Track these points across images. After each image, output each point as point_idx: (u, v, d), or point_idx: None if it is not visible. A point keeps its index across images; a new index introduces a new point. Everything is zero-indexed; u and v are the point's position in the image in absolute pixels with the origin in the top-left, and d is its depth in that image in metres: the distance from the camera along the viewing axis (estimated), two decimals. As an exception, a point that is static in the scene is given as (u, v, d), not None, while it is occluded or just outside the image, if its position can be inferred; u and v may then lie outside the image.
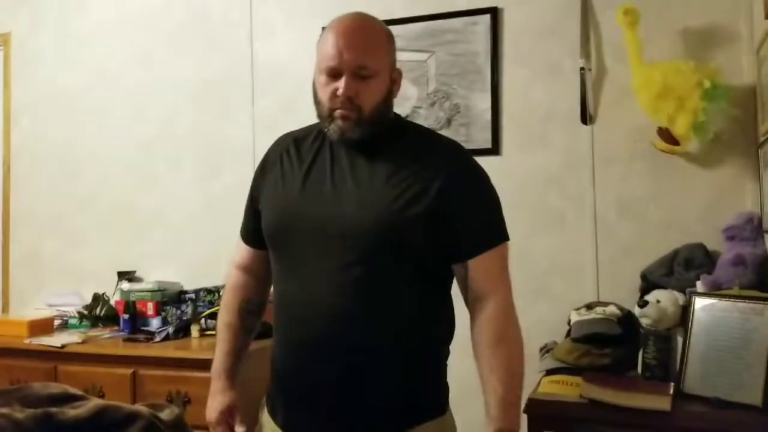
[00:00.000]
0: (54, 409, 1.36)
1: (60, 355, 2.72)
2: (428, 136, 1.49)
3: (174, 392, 2.52)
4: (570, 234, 2.65)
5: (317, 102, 1.41)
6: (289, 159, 1.48)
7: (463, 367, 1.54)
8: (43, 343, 2.76)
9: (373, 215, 1.32)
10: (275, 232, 1.45)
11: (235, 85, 3.17)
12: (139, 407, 1.46)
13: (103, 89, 3.42)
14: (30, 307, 3.34)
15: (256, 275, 1.59)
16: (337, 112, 1.36)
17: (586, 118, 2.61)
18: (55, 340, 2.80)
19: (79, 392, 1.53)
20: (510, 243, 1.45)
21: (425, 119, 2.82)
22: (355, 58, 1.34)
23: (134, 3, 3.39)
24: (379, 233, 1.32)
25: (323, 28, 3.09)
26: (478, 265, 1.37)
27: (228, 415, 1.53)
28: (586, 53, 2.60)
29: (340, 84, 1.34)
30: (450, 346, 1.50)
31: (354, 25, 1.38)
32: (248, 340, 1.62)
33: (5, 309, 3.55)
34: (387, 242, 1.32)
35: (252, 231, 1.55)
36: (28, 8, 3.58)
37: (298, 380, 1.41)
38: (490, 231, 1.40)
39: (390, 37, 1.43)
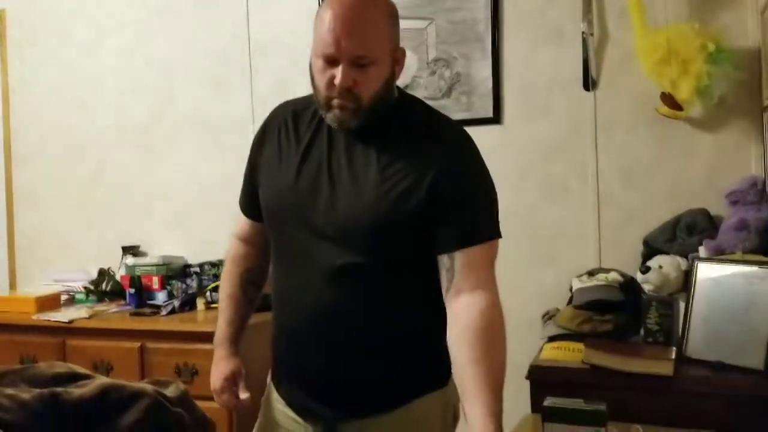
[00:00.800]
0: (59, 389, 1.38)
1: (68, 330, 2.75)
2: (431, 120, 1.41)
3: (181, 364, 2.55)
4: (573, 201, 2.64)
5: (314, 87, 1.35)
6: (287, 134, 1.44)
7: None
8: (50, 319, 2.79)
9: (365, 211, 1.30)
10: (270, 216, 1.45)
11: (232, 60, 3.14)
12: (144, 385, 1.48)
13: (99, 65, 3.39)
14: (37, 284, 3.36)
15: (257, 245, 1.59)
16: (335, 102, 1.30)
17: (588, 84, 2.58)
18: (63, 315, 2.82)
19: (84, 371, 1.55)
20: (500, 242, 1.38)
21: (425, 88, 2.79)
22: (354, 47, 1.26)
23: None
24: (370, 229, 1.30)
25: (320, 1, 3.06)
26: (464, 259, 1.29)
27: (232, 382, 1.54)
28: (588, 18, 2.56)
29: (337, 72, 1.27)
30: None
31: (351, 9, 1.27)
32: (250, 310, 1.62)
33: (12, 286, 3.57)
34: (378, 237, 1.31)
35: (250, 203, 1.54)
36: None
37: (294, 365, 1.45)
38: (480, 226, 1.33)
39: (393, 15, 1.34)
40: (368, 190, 1.31)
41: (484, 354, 1.24)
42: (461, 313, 1.28)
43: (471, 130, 1.42)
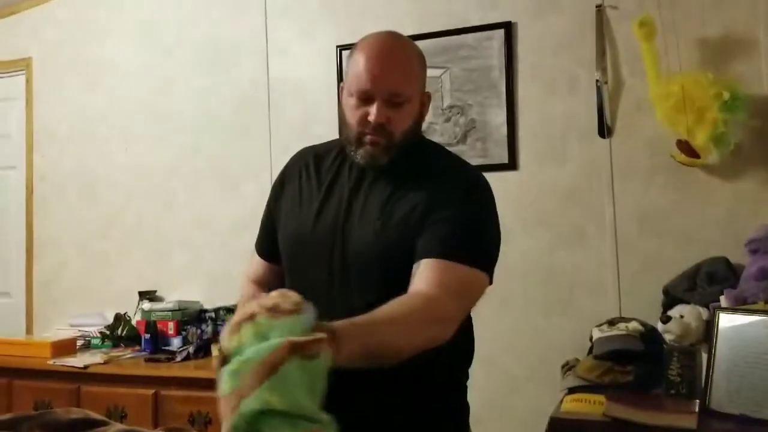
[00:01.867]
0: (76, 436, 1.37)
1: (83, 375, 2.75)
2: (450, 161, 1.44)
3: (195, 412, 2.54)
4: (591, 249, 2.62)
5: (345, 124, 1.37)
6: (308, 176, 1.46)
7: (486, 383, 1.51)
8: (66, 364, 2.79)
9: (372, 244, 1.31)
10: (290, 259, 1.45)
11: (251, 106, 3.20)
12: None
13: (123, 112, 3.47)
14: (53, 328, 3.38)
15: (270, 287, 1.58)
16: (367, 137, 1.33)
17: (603, 131, 2.59)
18: (78, 360, 2.83)
19: (100, 417, 1.55)
20: (492, 287, 1.33)
21: (441, 135, 2.81)
22: (389, 84, 1.31)
23: (152, 26, 3.44)
24: (377, 262, 1.30)
25: (338, 47, 3.12)
26: (432, 269, 1.22)
27: None
28: (602, 66, 2.58)
29: (372, 110, 1.31)
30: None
31: (388, 48, 1.34)
32: None
33: (29, 330, 3.59)
34: (388, 269, 1.30)
35: (267, 244, 1.54)
36: (49, 33, 3.65)
37: None
38: (461, 247, 1.26)
39: (422, 59, 1.39)
40: (374, 223, 1.33)
41: (404, 309, 1.14)
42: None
43: (486, 176, 1.42)
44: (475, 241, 1.29)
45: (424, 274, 1.22)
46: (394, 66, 1.32)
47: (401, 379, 1.29)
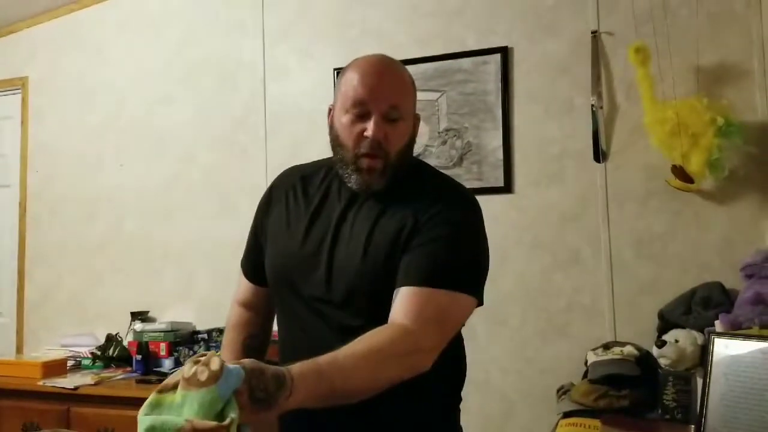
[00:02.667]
0: (64, 458, 1.35)
1: (73, 396, 2.72)
2: (437, 182, 1.40)
3: (186, 435, 2.49)
4: (586, 272, 2.62)
5: (339, 145, 1.33)
6: (295, 198, 1.43)
7: (482, 407, 1.49)
8: (56, 385, 2.76)
9: (357, 269, 1.29)
10: (276, 282, 1.43)
11: (248, 126, 3.21)
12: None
13: (117, 131, 3.47)
14: (43, 348, 3.35)
15: (258, 311, 1.56)
16: (364, 161, 1.29)
17: (599, 155, 2.60)
18: (69, 381, 2.80)
19: (87, 439, 1.53)
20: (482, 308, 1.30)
21: (437, 157, 2.83)
22: (387, 96, 1.29)
23: (149, 46, 3.46)
24: (362, 286, 1.28)
25: (335, 69, 3.13)
26: (410, 295, 1.20)
27: None
28: (597, 91, 2.60)
29: (369, 125, 1.28)
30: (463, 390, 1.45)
31: (382, 64, 1.34)
32: None
33: (19, 350, 3.55)
34: (373, 294, 1.28)
35: (254, 266, 1.51)
36: (46, 52, 3.66)
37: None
38: (437, 271, 1.22)
39: (413, 82, 1.38)
40: (360, 248, 1.30)
41: (374, 344, 1.10)
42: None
43: (482, 199, 1.40)
44: (456, 263, 1.25)
45: (401, 304, 1.20)
46: (390, 79, 1.32)
47: (391, 404, 1.26)
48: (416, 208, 1.29)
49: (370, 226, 1.31)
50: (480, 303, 1.30)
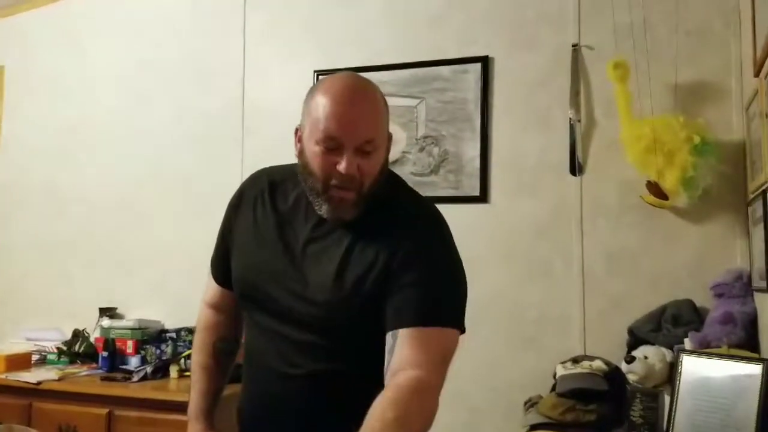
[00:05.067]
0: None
1: (35, 391, 2.67)
2: (409, 205, 1.36)
3: (149, 435, 2.46)
4: (558, 285, 2.62)
5: (309, 173, 1.27)
6: (263, 207, 1.40)
7: (450, 417, 1.46)
8: (19, 379, 2.71)
9: (325, 297, 1.27)
10: (242, 295, 1.42)
11: (225, 127, 3.17)
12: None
13: (92, 127, 3.41)
14: (8, 341, 3.28)
15: (228, 313, 1.55)
16: (335, 192, 1.25)
17: (575, 169, 2.61)
18: (32, 376, 2.75)
19: (42, 437, 1.49)
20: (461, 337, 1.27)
21: (414, 164, 2.81)
22: (361, 133, 1.22)
23: (126, 42, 3.41)
24: (328, 316, 1.27)
25: (316, 71, 3.10)
26: (406, 338, 1.18)
27: None
28: (575, 105, 2.61)
29: (342, 160, 1.22)
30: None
31: (355, 92, 1.25)
32: (224, 380, 1.58)
33: (-16, 342, 3.48)
34: (338, 323, 1.27)
35: (221, 270, 1.50)
36: (22, 43, 3.59)
37: None
38: (431, 309, 1.21)
39: (385, 100, 1.31)
40: (330, 276, 1.28)
41: (396, 417, 1.08)
42: (386, 389, 1.14)
43: (458, 208, 1.40)
44: (446, 298, 1.25)
45: (406, 349, 1.17)
46: (363, 111, 1.25)
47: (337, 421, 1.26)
48: (389, 243, 1.26)
49: (340, 257, 1.28)
50: (463, 332, 1.28)
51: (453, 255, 1.31)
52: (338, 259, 1.28)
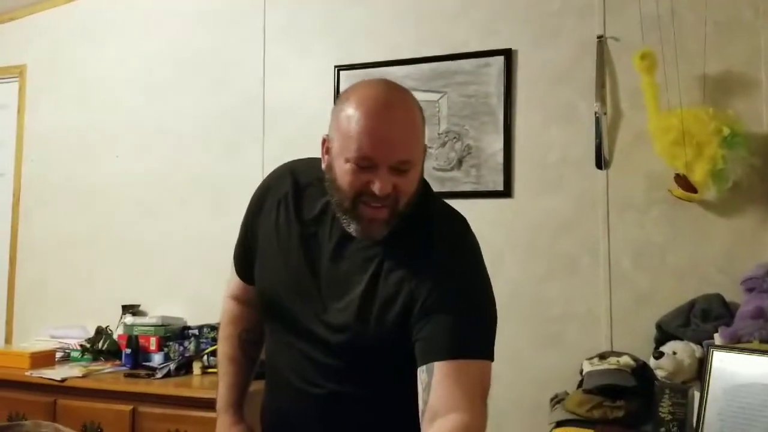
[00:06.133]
0: (43, 452, 1.32)
1: (60, 388, 2.69)
2: (440, 224, 1.27)
3: (173, 431, 2.46)
4: (583, 281, 2.58)
5: (337, 189, 1.19)
6: (287, 214, 1.34)
7: None
8: (43, 376, 2.73)
9: (347, 322, 1.23)
10: (264, 305, 1.40)
11: (245, 122, 3.17)
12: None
13: (112, 124, 3.43)
14: (32, 338, 3.31)
15: (252, 304, 1.52)
16: (365, 211, 1.18)
17: (601, 162, 2.57)
18: (56, 373, 2.76)
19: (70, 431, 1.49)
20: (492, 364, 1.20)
21: (436, 159, 2.79)
22: (398, 153, 1.14)
23: (147, 39, 3.41)
24: (358, 347, 1.23)
25: (336, 66, 3.08)
26: (441, 375, 1.11)
27: None
28: (601, 97, 2.57)
29: (375, 179, 1.14)
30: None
31: (389, 108, 1.15)
32: (252, 371, 1.56)
33: (8, 340, 3.51)
34: (361, 350, 1.23)
35: (244, 267, 1.47)
36: (44, 41, 3.61)
37: None
38: (464, 341, 1.14)
39: (422, 114, 1.22)
40: (354, 303, 1.23)
41: None
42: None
43: (480, 203, 1.38)
44: (479, 329, 1.18)
45: (443, 389, 1.10)
46: (400, 129, 1.15)
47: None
48: (417, 269, 1.19)
49: (365, 284, 1.23)
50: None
51: (484, 282, 1.24)
52: (363, 285, 1.23)
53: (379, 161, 1.14)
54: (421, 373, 1.14)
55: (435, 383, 1.11)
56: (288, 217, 1.34)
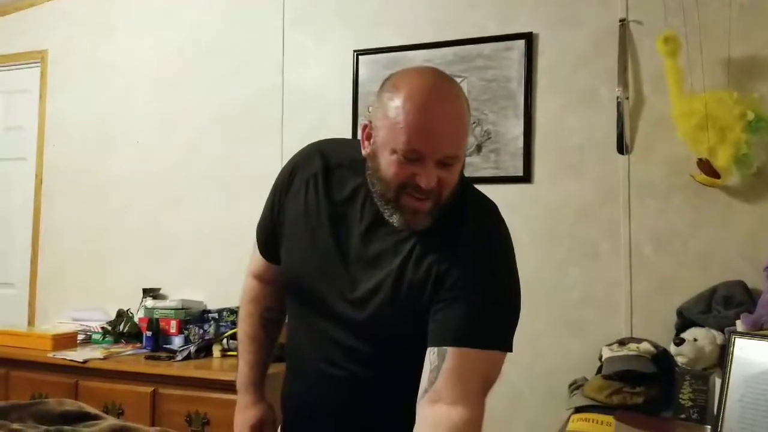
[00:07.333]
0: (68, 428, 1.34)
1: (82, 370, 2.72)
2: (474, 214, 1.25)
3: (193, 413, 2.50)
4: (604, 266, 2.57)
5: (379, 179, 1.18)
6: (316, 194, 1.32)
7: (491, 400, 1.44)
8: (65, 358, 2.77)
9: (377, 306, 1.23)
10: (290, 287, 1.39)
11: (264, 110, 3.17)
12: (155, 429, 1.43)
13: (133, 110, 3.45)
14: (55, 321, 3.35)
15: (274, 284, 1.51)
16: (409, 202, 1.16)
17: (622, 147, 2.54)
18: (78, 354, 2.80)
19: (94, 411, 1.51)
20: (507, 354, 1.21)
21: (456, 144, 2.77)
22: (446, 148, 1.13)
23: (166, 25, 3.42)
24: (384, 329, 1.24)
25: (356, 51, 3.06)
26: (453, 362, 1.12)
27: (259, 431, 1.47)
28: (623, 81, 2.54)
29: (421, 172, 1.13)
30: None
31: (440, 101, 1.13)
32: (272, 350, 1.57)
33: (31, 322, 3.57)
34: (392, 337, 1.24)
35: (268, 245, 1.46)
36: (65, 27, 3.64)
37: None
38: (480, 329, 1.15)
39: (468, 104, 1.20)
40: (384, 284, 1.23)
41: None
42: (431, 422, 1.11)
43: (500, 188, 1.38)
44: (494, 319, 1.18)
45: (445, 376, 1.12)
46: (450, 123, 1.13)
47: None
48: (447, 257, 1.19)
49: (397, 266, 1.23)
50: (510, 350, 1.22)
51: (510, 272, 1.24)
52: (395, 267, 1.23)
53: (426, 155, 1.13)
54: (431, 353, 1.15)
55: (445, 370, 1.12)
56: (317, 197, 1.32)
